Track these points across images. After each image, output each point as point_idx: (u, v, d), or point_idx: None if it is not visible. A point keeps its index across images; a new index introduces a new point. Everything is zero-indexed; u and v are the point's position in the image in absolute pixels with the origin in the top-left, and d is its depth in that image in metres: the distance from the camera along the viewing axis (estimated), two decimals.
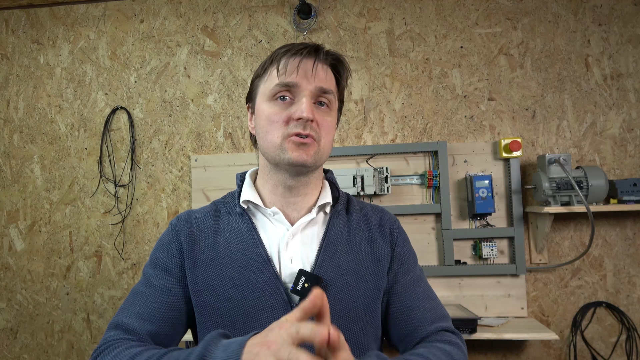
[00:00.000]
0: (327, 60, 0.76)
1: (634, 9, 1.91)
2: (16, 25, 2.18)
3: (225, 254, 0.75)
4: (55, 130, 2.14)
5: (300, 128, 0.71)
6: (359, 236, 0.80)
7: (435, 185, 1.90)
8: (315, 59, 0.73)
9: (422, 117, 1.98)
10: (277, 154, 0.73)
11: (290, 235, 0.75)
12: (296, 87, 0.72)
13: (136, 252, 2.07)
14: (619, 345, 1.85)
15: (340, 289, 0.73)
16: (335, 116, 0.79)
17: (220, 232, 0.78)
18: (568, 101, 1.93)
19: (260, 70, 0.78)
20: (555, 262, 1.89)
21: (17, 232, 2.14)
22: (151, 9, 2.12)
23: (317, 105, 0.74)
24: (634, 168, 1.88)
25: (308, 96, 0.72)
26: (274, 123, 0.72)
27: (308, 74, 0.72)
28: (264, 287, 0.71)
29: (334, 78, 0.77)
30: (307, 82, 0.72)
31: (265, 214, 0.79)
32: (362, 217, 0.84)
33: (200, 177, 2.03)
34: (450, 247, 1.88)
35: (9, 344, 2.13)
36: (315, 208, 0.78)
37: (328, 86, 0.74)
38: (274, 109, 0.73)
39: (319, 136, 0.73)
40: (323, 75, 0.74)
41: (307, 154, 0.71)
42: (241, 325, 0.71)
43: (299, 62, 0.72)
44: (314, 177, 0.80)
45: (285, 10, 2.06)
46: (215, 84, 2.08)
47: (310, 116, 0.70)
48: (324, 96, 0.74)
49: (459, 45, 1.98)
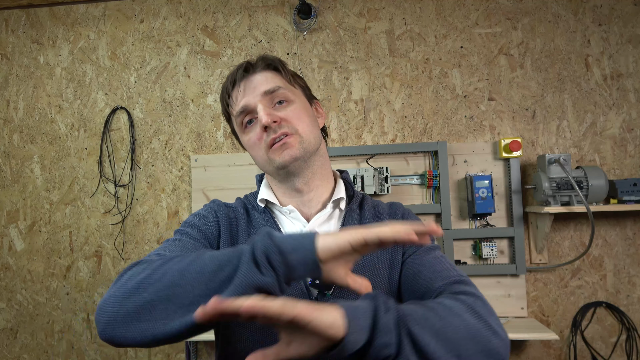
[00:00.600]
0: (258, 69, 0.78)
1: (634, 9, 1.91)
2: (16, 25, 2.18)
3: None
4: (55, 130, 2.14)
5: (271, 134, 0.74)
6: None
7: (435, 185, 1.90)
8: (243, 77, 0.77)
9: (422, 117, 1.98)
10: (270, 166, 0.76)
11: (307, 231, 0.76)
12: (249, 107, 0.76)
13: (136, 252, 2.07)
14: (619, 345, 1.85)
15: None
16: (302, 102, 0.80)
17: (246, 225, 0.80)
18: (568, 101, 1.93)
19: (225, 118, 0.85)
20: (555, 262, 1.89)
21: (17, 232, 2.14)
22: (151, 9, 2.12)
23: (277, 106, 0.76)
24: (634, 168, 1.88)
25: (260, 105, 0.74)
26: (254, 145, 0.77)
27: (249, 90, 0.76)
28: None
29: (276, 75, 0.79)
30: (252, 97, 0.76)
31: (282, 212, 0.81)
32: (374, 213, 0.85)
33: (200, 177, 2.03)
34: (450, 247, 1.88)
35: (9, 344, 2.13)
36: (330, 203, 0.80)
37: (271, 85, 0.76)
38: (248, 135, 0.78)
39: (294, 127, 0.75)
40: (261, 80, 0.77)
41: (291, 148, 0.73)
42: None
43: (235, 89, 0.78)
44: (317, 166, 0.80)
45: (285, 10, 2.06)
46: (215, 84, 2.08)
47: (269, 119, 0.72)
48: (275, 94, 0.76)
49: (459, 45, 1.98)
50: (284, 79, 0.79)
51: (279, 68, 0.80)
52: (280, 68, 0.80)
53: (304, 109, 0.78)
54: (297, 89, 0.81)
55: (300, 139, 0.74)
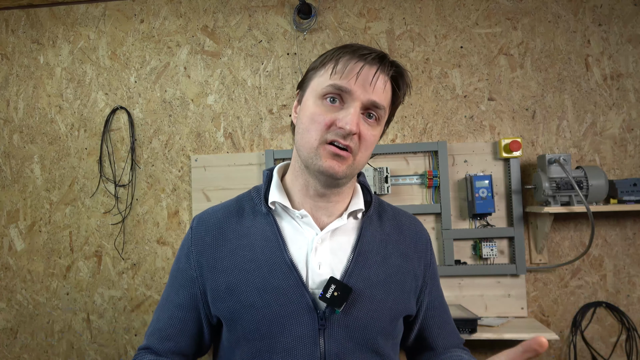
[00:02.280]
0: (389, 72, 0.71)
1: (634, 9, 1.91)
2: (16, 25, 2.18)
3: (249, 258, 0.73)
4: (55, 130, 2.14)
5: (340, 137, 0.67)
6: (391, 247, 0.78)
7: (435, 185, 1.90)
8: (377, 69, 0.69)
9: (422, 117, 1.98)
10: (310, 157, 0.70)
11: (319, 240, 0.73)
12: (349, 93, 0.68)
13: (136, 252, 2.07)
14: (619, 345, 1.85)
15: (368, 300, 0.72)
16: (381, 130, 0.75)
17: (243, 234, 0.75)
18: (568, 101, 1.93)
19: (317, 63, 0.73)
20: (555, 262, 1.89)
21: (17, 232, 2.14)
22: (151, 9, 2.12)
23: (364, 116, 0.70)
24: (634, 168, 1.88)
25: (358, 107, 0.68)
26: (315, 123, 0.69)
27: (366, 83, 0.68)
28: (289, 293, 0.70)
29: (390, 91, 0.73)
30: (362, 92, 0.68)
31: (293, 217, 0.76)
32: (395, 226, 0.81)
33: (200, 177, 2.03)
34: (450, 247, 1.88)
35: (9, 344, 2.13)
36: (345, 214, 0.76)
37: (382, 101, 0.70)
38: (320, 108, 0.69)
39: (357, 150, 0.69)
40: (381, 87, 0.69)
41: (339, 166, 0.68)
42: (266, 331, 0.69)
43: (360, 68, 0.68)
44: (347, 186, 0.77)
45: (285, 10, 2.06)
46: (215, 84, 2.08)
47: (355, 129, 0.66)
48: (375, 110, 0.70)
49: (459, 45, 1.98)
50: (390, 99, 0.73)
51: (400, 88, 0.74)
52: (401, 90, 0.74)
53: (376, 140, 0.73)
54: (387, 113, 0.75)
55: (351, 164, 0.70)
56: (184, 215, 2.05)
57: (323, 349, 0.69)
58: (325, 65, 0.71)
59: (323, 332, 0.69)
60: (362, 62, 0.68)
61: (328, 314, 0.69)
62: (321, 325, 0.69)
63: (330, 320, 0.69)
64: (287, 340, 0.69)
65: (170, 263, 2.05)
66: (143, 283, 2.06)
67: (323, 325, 0.69)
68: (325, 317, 0.69)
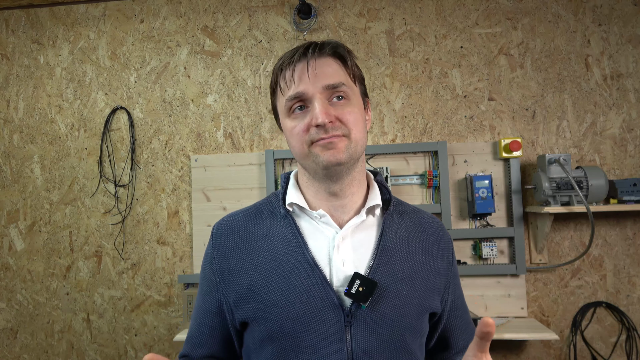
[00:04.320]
0: (324, 54, 0.72)
1: (634, 9, 1.91)
2: (16, 25, 2.18)
3: (270, 258, 0.73)
4: (55, 130, 2.14)
5: (321, 133, 0.68)
6: (414, 245, 0.78)
7: (435, 185, 1.90)
8: (308, 60, 0.70)
9: (422, 117, 1.98)
10: (309, 162, 0.71)
11: (340, 238, 0.73)
12: (304, 94, 0.70)
13: (136, 252, 2.07)
14: (619, 345, 1.85)
15: (395, 296, 0.71)
16: (358, 102, 0.74)
17: (263, 236, 0.76)
18: (568, 101, 1.93)
19: (271, 90, 0.77)
20: (555, 262, 1.89)
21: (17, 232, 2.14)
22: (151, 9, 2.12)
23: (333, 101, 0.71)
24: (634, 168, 1.88)
25: (318, 99, 0.69)
26: (296, 135, 0.71)
27: (308, 77, 0.70)
28: (312, 291, 0.69)
29: (341, 67, 0.73)
30: (311, 86, 0.69)
31: (311, 217, 0.76)
32: (417, 224, 0.81)
33: (200, 177, 2.03)
34: None
35: (9, 344, 2.13)
36: (363, 210, 0.75)
37: (335, 80, 0.70)
38: (294, 121, 0.72)
39: (348, 130, 0.70)
40: (327, 70, 0.70)
41: (338, 151, 0.69)
42: (290, 330, 0.69)
43: (294, 69, 0.70)
44: (357, 172, 0.76)
45: (285, 10, 2.06)
46: (215, 84, 2.08)
47: (325, 119, 0.67)
48: (336, 90, 0.70)
49: (459, 45, 1.98)
50: (347, 73, 0.73)
51: (347, 59, 0.73)
52: (348, 59, 0.73)
53: (359, 112, 0.73)
54: (356, 85, 0.75)
55: (348, 144, 0.70)
56: (184, 215, 2.05)
57: (350, 346, 0.68)
58: (275, 90, 0.75)
59: (349, 329, 0.68)
60: (292, 65, 0.71)
61: (354, 310, 0.69)
62: (347, 322, 0.68)
63: (357, 317, 0.69)
64: (312, 338, 0.68)
65: (170, 263, 2.05)
66: (143, 283, 2.06)
67: (349, 322, 0.68)
68: (352, 313, 0.69)
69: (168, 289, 2.04)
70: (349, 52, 0.74)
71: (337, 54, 0.73)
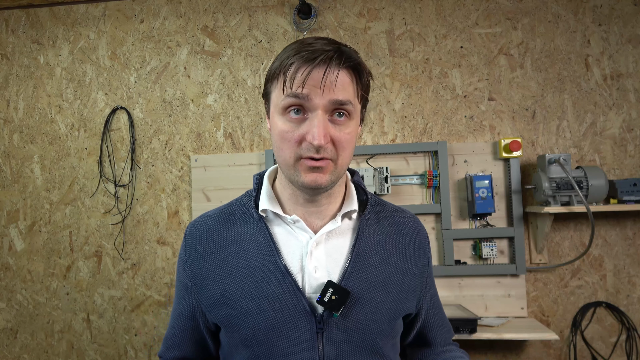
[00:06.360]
0: (341, 64, 0.65)
1: (634, 9, 1.91)
2: (16, 25, 2.18)
3: (243, 265, 0.72)
4: (55, 130, 2.14)
5: (312, 152, 0.64)
6: (390, 247, 0.77)
7: (435, 185, 1.90)
8: (327, 67, 0.63)
9: (422, 117, 1.98)
10: (290, 174, 0.68)
11: (314, 243, 0.72)
12: (308, 100, 0.64)
13: (136, 252, 2.07)
14: (619, 345, 1.85)
15: (367, 302, 0.71)
16: (357, 122, 0.70)
17: (235, 241, 0.74)
18: (568, 101, 1.93)
19: (271, 72, 0.70)
20: (555, 262, 1.89)
21: (17, 232, 2.14)
22: (151, 9, 2.12)
23: (334, 117, 0.66)
24: (634, 168, 1.88)
25: (321, 115, 0.64)
26: (286, 141, 0.66)
27: (320, 86, 0.63)
28: (284, 298, 0.69)
29: (353, 82, 0.67)
30: (319, 96, 0.64)
31: (285, 222, 0.74)
32: (393, 225, 0.80)
33: (200, 177, 2.03)
34: (450, 247, 1.88)
35: (9, 344, 2.13)
36: (339, 215, 0.74)
37: (343, 97, 0.65)
38: (286, 125, 0.66)
39: (336, 155, 0.66)
40: (339, 83, 0.65)
41: (321, 177, 0.66)
42: (263, 337, 0.69)
43: (309, 72, 0.63)
44: (337, 187, 0.75)
45: (285, 10, 2.06)
46: (215, 84, 2.08)
47: (323, 142, 0.63)
48: (341, 107, 0.65)
49: (459, 45, 1.98)
50: (356, 89, 0.68)
51: (359, 76, 0.68)
52: (360, 76, 0.68)
53: (353, 135, 0.69)
54: (359, 103, 0.70)
55: (333, 169, 0.67)
56: (184, 215, 2.05)
57: (322, 352, 0.69)
58: (276, 77, 0.67)
59: (322, 335, 0.69)
60: (308, 65, 0.63)
61: (326, 317, 0.69)
62: (319, 329, 0.69)
63: (329, 324, 0.69)
64: (284, 345, 0.69)
65: (170, 263, 2.05)
66: (143, 283, 2.06)
67: (321, 329, 0.69)
68: (324, 320, 0.69)
69: (168, 289, 2.04)
70: (364, 67, 0.69)
71: (351, 67, 0.67)
